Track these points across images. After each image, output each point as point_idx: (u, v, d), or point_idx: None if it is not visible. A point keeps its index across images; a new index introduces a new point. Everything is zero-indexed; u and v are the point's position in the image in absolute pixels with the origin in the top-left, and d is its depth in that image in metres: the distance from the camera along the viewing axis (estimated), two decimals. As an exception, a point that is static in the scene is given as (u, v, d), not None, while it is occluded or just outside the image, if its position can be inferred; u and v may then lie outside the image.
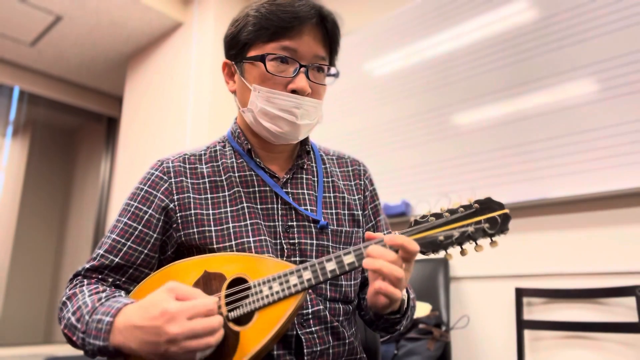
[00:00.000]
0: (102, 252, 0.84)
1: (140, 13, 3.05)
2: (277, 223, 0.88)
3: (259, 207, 0.88)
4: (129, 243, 0.84)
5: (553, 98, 1.90)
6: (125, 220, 0.85)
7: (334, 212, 0.94)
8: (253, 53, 0.87)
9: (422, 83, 2.33)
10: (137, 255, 0.84)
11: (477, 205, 0.73)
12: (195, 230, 0.85)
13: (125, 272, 0.84)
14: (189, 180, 0.89)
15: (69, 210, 4.48)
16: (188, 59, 3.07)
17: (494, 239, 0.73)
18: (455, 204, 0.74)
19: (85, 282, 0.82)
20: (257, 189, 0.90)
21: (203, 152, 0.95)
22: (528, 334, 1.86)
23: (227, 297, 0.74)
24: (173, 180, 0.88)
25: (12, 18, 3.09)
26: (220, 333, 0.66)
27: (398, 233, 0.73)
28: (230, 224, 0.86)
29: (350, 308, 0.92)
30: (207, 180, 0.90)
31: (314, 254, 0.88)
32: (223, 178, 0.91)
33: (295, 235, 0.88)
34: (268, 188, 0.90)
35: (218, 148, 0.96)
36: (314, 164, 0.99)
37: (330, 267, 0.72)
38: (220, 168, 0.92)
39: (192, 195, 0.88)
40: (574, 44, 1.88)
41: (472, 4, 2.22)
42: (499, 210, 0.73)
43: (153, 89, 3.36)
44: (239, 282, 0.75)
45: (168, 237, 0.87)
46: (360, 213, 0.99)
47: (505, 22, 2.09)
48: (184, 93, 3.03)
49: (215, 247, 0.84)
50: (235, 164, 0.92)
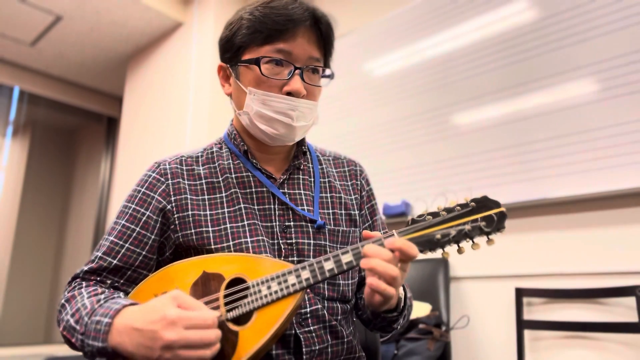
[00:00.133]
0: (100, 254, 0.84)
1: (140, 13, 3.05)
2: (274, 223, 0.88)
3: (256, 207, 0.89)
4: (127, 245, 0.84)
5: (553, 98, 1.90)
6: (123, 222, 0.86)
7: (331, 212, 0.94)
8: (248, 56, 0.87)
9: (422, 83, 2.33)
10: (135, 257, 0.84)
11: (473, 204, 0.74)
12: (193, 232, 0.85)
13: (124, 274, 0.84)
14: (186, 182, 0.89)
15: (69, 210, 4.48)
16: (188, 59, 3.07)
17: (491, 237, 0.73)
18: (452, 203, 0.75)
19: (84, 284, 0.82)
20: (254, 190, 0.90)
21: (200, 153, 0.95)
22: (528, 334, 1.86)
23: (225, 297, 0.74)
24: (170, 182, 0.88)
25: (12, 18, 3.09)
26: (216, 347, 0.66)
27: (395, 232, 0.74)
28: (228, 225, 0.86)
29: (348, 307, 0.93)
30: (204, 182, 0.90)
31: (312, 254, 0.88)
32: (220, 179, 0.91)
33: (293, 236, 0.88)
34: (265, 189, 0.90)
35: (215, 149, 0.96)
36: (311, 165, 0.99)
37: (329, 266, 0.73)
38: (217, 169, 0.92)
39: (189, 197, 0.88)
40: (574, 44, 1.88)
41: (471, 4, 2.22)
42: (495, 209, 0.74)
43: (153, 89, 3.36)
44: (238, 282, 0.75)
45: (166, 238, 0.88)
46: (357, 213, 0.99)
47: (505, 22, 2.09)
48: (184, 93, 3.03)
49: (213, 247, 0.84)
50: (232, 165, 0.93)
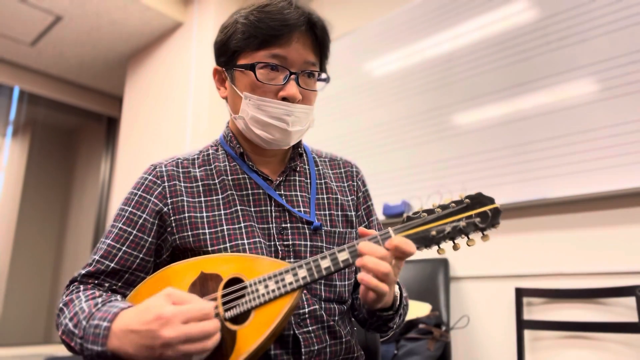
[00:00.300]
0: (97, 257, 0.84)
1: (140, 13, 3.05)
2: (270, 225, 0.88)
3: (253, 209, 0.89)
4: (124, 248, 0.84)
5: (553, 98, 1.90)
6: (120, 225, 0.86)
7: (327, 213, 0.95)
8: (243, 61, 0.87)
9: (421, 83, 2.33)
10: (132, 260, 0.84)
11: (468, 201, 0.75)
12: (190, 234, 0.85)
13: (122, 276, 0.85)
14: (182, 184, 0.89)
15: (69, 211, 4.48)
16: (188, 59, 3.07)
17: (486, 233, 0.74)
18: (447, 200, 0.76)
19: (82, 287, 0.82)
20: (250, 192, 0.90)
21: (196, 156, 0.96)
22: (528, 334, 1.86)
23: (223, 296, 0.74)
24: (166, 184, 0.88)
25: (12, 18, 3.09)
26: (217, 337, 0.66)
27: (391, 229, 0.74)
28: (225, 227, 0.86)
29: (345, 308, 0.93)
30: (200, 184, 0.90)
31: (308, 255, 0.88)
32: (216, 181, 0.91)
33: (289, 237, 0.88)
34: (261, 191, 0.91)
35: (211, 152, 0.96)
36: (307, 166, 0.99)
37: (325, 264, 0.73)
38: (214, 171, 0.92)
39: (185, 199, 0.88)
40: (574, 44, 1.88)
41: (472, 4, 2.22)
42: (490, 205, 0.74)
43: (153, 89, 3.36)
44: (235, 282, 0.75)
45: (163, 240, 0.88)
46: (354, 214, 0.99)
47: (505, 22, 2.09)
48: (184, 93, 3.03)
49: (210, 249, 0.84)
50: (229, 167, 0.93)
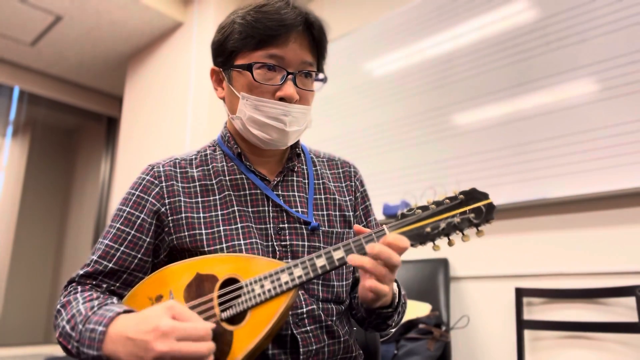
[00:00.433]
0: (95, 257, 0.84)
1: (140, 13, 3.05)
2: (268, 225, 0.88)
3: (250, 210, 0.89)
4: (122, 248, 0.84)
5: (553, 98, 1.90)
6: (118, 226, 0.86)
7: (325, 213, 0.95)
8: (240, 61, 0.87)
9: (421, 83, 2.33)
10: (130, 260, 0.84)
11: (462, 197, 0.75)
12: (187, 234, 0.85)
13: (120, 277, 0.85)
14: (180, 184, 0.89)
15: (69, 211, 4.48)
16: (188, 59, 3.07)
17: (480, 229, 0.74)
18: (441, 196, 0.76)
19: (79, 288, 0.82)
20: (247, 192, 0.90)
21: (194, 156, 0.96)
22: (528, 334, 1.86)
23: (219, 297, 0.74)
24: (164, 185, 0.88)
25: (12, 18, 3.09)
26: None
27: (386, 227, 0.74)
28: (221, 227, 0.86)
29: (343, 308, 0.93)
30: (197, 184, 0.90)
31: (306, 255, 0.88)
32: (214, 182, 0.91)
33: (287, 237, 0.88)
34: (259, 191, 0.91)
35: (208, 152, 0.96)
36: (305, 167, 0.99)
37: (321, 263, 0.73)
38: (211, 172, 0.92)
39: (183, 199, 0.88)
40: (574, 44, 1.88)
41: (472, 4, 2.22)
42: (484, 200, 0.74)
43: (153, 89, 3.36)
44: (231, 282, 0.75)
45: (160, 241, 0.88)
46: (352, 214, 0.99)
47: (505, 22, 2.09)
48: (184, 93, 3.03)
49: (207, 250, 0.84)
50: (226, 168, 0.93)
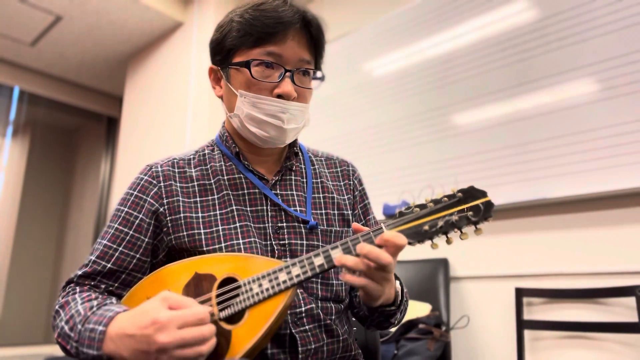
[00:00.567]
0: (94, 258, 0.84)
1: (140, 13, 3.05)
2: (267, 224, 0.89)
3: (249, 209, 0.89)
4: (121, 248, 0.84)
5: (553, 98, 1.90)
6: (116, 226, 0.86)
7: (324, 212, 0.95)
8: (238, 59, 0.87)
9: (421, 83, 2.33)
10: (129, 260, 0.84)
11: (460, 194, 0.75)
12: (185, 234, 0.86)
13: (118, 277, 0.85)
14: (178, 184, 0.90)
15: (69, 211, 4.48)
16: (188, 59, 3.07)
17: (479, 227, 0.74)
18: (439, 194, 0.76)
19: (78, 289, 0.82)
20: (246, 192, 0.90)
21: (192, 156, 0.96)
22: (528, 334, 1.86)
23: (218, 296, 0.74)
24: (162, 185, 0.89)
25: (12, 18, 3.09)
26: (212, 342, 0.66)
27: (384, 225, 0.74)
28: (220, 227, 0.86)
29: (342, 307, 0.93)
30: (196, 184, 0.91)
31: (304, 254, 0.88)
32: (212, 181, 0.91)
33: (286, 236, 0.88)
34: (257, 190, 0.91)
35: (207, 152, 0.97)
36: (303, 166, 0.99)
37: (318, 261, 0.73)
38: (209, 171, 0.93)
39: (181, 199, 0.88)
40: (574, 44, 1.88)
41: (471, 4, 2.22)
42: (482, 198, 0.74)
43: (153, 89, 3.36)
44: (229, 281, 0.76)
45: (159, 241, 0.88)
46: (350, 213, 0.99)
47: (505, 22, 2.09)
48: (184, 93, 3.03)
49: (205, 249, 0.84)
50: (224, 167, 0.93)
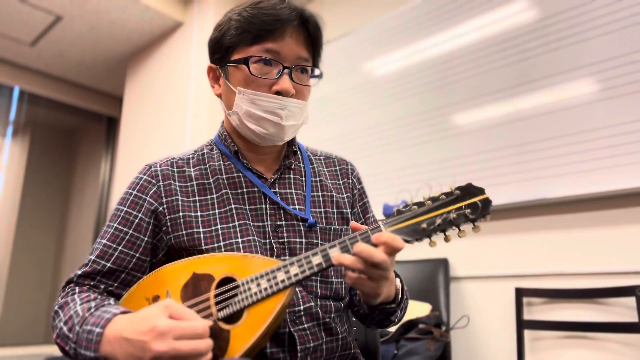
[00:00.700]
0: (93, 257, 0.84)
1: (140, 13, 3.05)
2: (266, 223, 0.89)
3: (248, 207, 0.89)
4: (120, 247, 0.84)
5: (553, 98, 1.90)
6: (116, 225, 0.86)
7: (323, 210, 0.95)
8: (236, 56, 0.88)
9: (421, 83, 2.33)
10: (128, 260, 0.85)
11: (458, 192, 0.74)
12: (184, 233, 0.86)
13: (118, 276, 0.85)
14: (177, 183, 0.90)
15: (69, 211, 4.48)
16: (188, 59, 3.07)
17: (477, 224, 0.73)
18: (437, 192, 0.75)
19: (77, 289, 0.82)
20: (245, 190, 0.91)
21: (191, 155, 0.96)
22: (528, 334, 1.86)
23: (216, 296, 0.74)
24: (161, 184, 0.89)
25: (12, 18, 3.09)
26: (208, 357, 0.65)
27: (382, 223, 0.74)
28: (219, 226, 0.86)
29: (342, 305, 0.93)
30: (195, 183, 0.91)
31: (303, 253, 0.88)
32: (211, 180, 0.92)
33: (285, 235, 0.89)
34: (256, 189, 0.91)
35: (205, 151, 0.97)
36: (302, 164, 1.00)
37: (317, 261, 0.73)
38: (208, 170, 0.93)
39: (180, 198, 0.88)
40: (574, 44, 1.88)
41: (471, 4, 2.22)
42: (480, 195, 0.74)
43: (153, 89, 3.36)
44: (228, 281, 0.75)
45: (158, 240, 0.88)
46: (349, 211, 1.00)
47: (505, 22, 2.09)
48: (184, 93, 3.03)
49: (204, 248, 0.84)
50: (223, 166, 0.93)
